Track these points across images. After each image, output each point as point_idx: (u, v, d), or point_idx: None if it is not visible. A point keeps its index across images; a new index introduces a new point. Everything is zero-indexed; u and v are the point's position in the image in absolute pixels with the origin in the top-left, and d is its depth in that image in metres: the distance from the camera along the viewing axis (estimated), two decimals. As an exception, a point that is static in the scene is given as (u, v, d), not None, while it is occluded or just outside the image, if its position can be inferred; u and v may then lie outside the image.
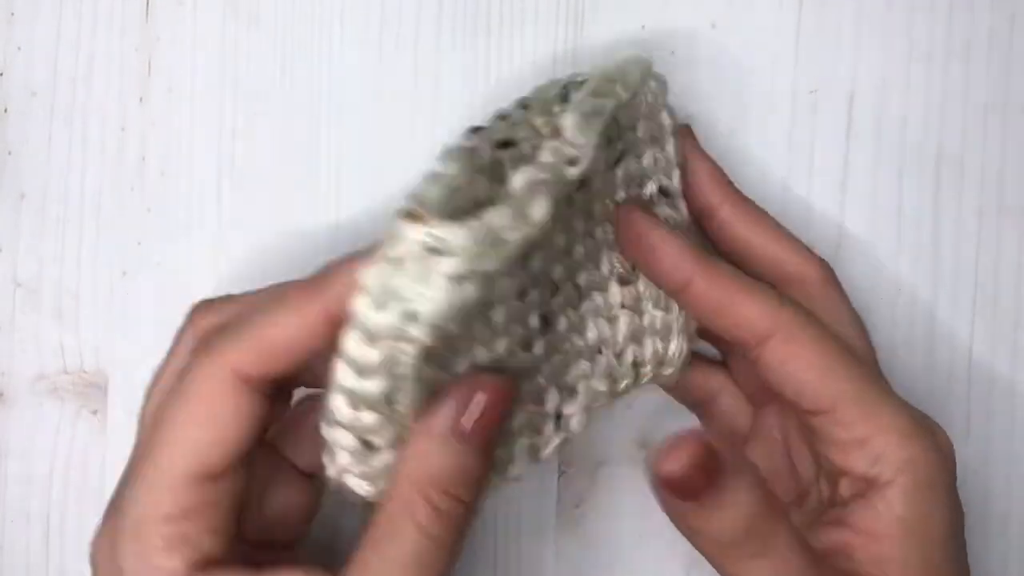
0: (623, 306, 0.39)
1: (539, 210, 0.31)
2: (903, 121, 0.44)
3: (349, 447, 0.33)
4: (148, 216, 0.45)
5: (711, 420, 0.42)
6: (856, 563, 0.36)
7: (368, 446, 0.33)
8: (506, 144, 0.34)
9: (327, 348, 0.32)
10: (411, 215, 0.30)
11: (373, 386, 0.31)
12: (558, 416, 0.38)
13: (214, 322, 0.35)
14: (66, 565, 0.45)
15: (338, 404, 0.32)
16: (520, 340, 0.36)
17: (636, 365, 0.40)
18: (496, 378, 0.33)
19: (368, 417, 0.32)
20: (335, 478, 0.34)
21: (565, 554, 0.45)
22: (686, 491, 0.33)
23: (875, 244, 0.44)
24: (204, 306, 0.36)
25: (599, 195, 0.38)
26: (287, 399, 0.37)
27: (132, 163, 0.45)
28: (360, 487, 0.34)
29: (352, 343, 0.31)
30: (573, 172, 0.33)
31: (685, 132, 0.41)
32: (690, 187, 0.40)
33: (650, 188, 0.39)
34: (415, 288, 0.30)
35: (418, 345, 0.30)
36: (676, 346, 0.40)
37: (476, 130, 0.35)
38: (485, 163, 0.33)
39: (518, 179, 0.32)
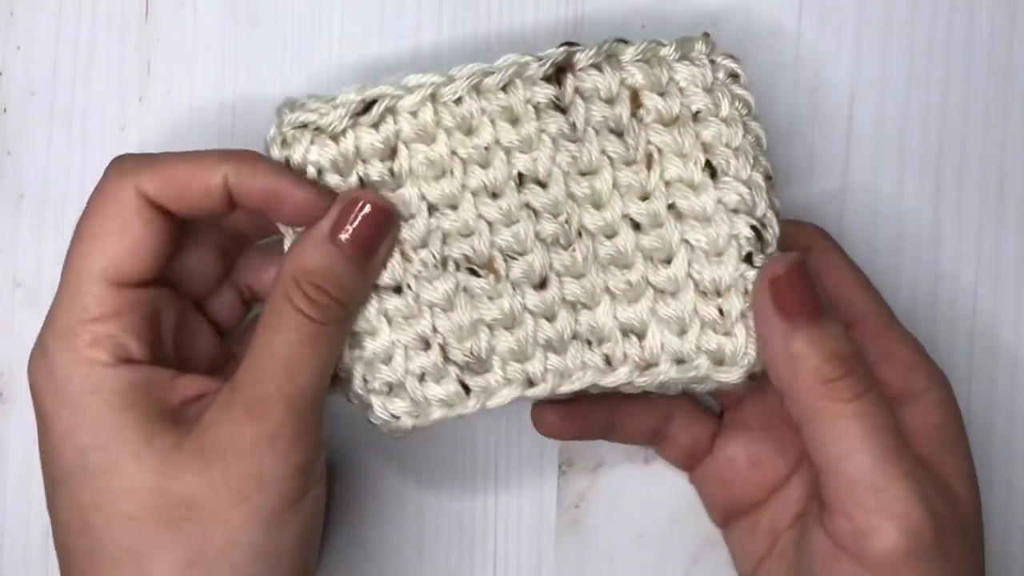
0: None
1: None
2: (903, 121, 0.44)
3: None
4: (148, 216, 0.45)
5: (665, 444, 0.43)
6: None
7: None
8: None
9: (217, 213, 0.37)
10: None
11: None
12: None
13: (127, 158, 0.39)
14: (66, 565, 0.46)
15: None
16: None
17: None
18: (378, 196, 0.38)
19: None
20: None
21: (565, 554, 0.45)
22: (789, 301, 0.36)
23: (875, 244, 0.44)
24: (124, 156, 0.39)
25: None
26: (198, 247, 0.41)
27: (132, 163, 0.45)
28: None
29: None
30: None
31: (823, 240, 0.40)
32: (837, 295, 0.39)
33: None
34: None
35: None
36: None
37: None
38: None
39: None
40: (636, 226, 0.38)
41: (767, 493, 0.41)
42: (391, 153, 0.38)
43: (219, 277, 0.41)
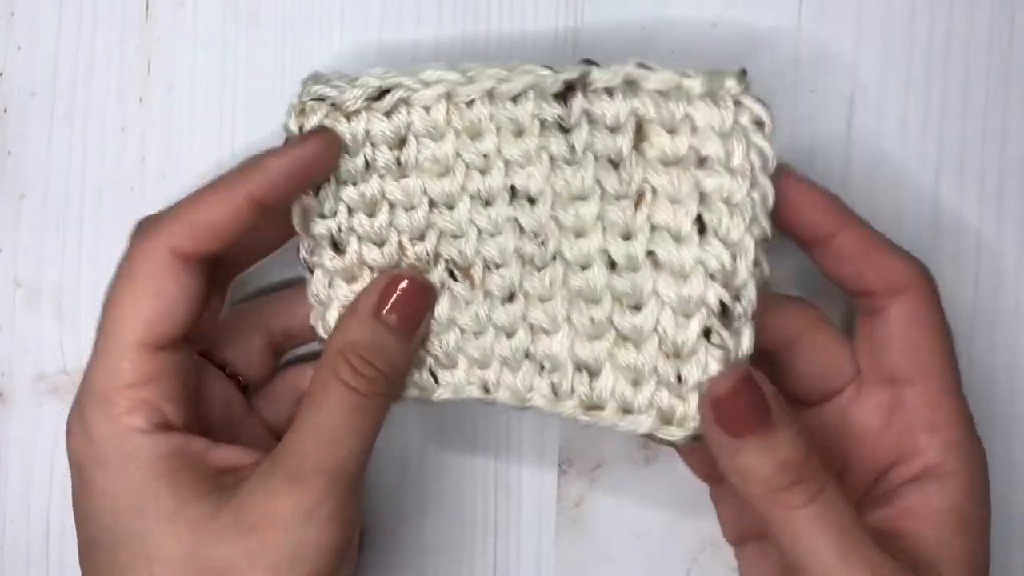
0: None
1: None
2: (903, 121, 0.44)
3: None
4: (148, 216, 0.45)
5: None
6: (898, 541, 0.36)
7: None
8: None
9: (250, 230, 0.37)
10: None
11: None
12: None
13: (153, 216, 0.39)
14: (66, 565, 0.46)
15: None
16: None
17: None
18: (416, 274, 0.39)
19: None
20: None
21: (565, 554, 0.45)
22: (734, 421, 0.35)
23: (875, 244, 0.44)
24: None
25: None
26: (223, 289, 0.42)
27: (132, 163, 0.45)
28: None
29: None
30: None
31: (787, 173, 0.38)
32: (800, 216, 0.38)
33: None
34: None
35: None
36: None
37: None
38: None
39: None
40: (612, 264, 0.38)
41: None
42: (400, 143, 0.39)
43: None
